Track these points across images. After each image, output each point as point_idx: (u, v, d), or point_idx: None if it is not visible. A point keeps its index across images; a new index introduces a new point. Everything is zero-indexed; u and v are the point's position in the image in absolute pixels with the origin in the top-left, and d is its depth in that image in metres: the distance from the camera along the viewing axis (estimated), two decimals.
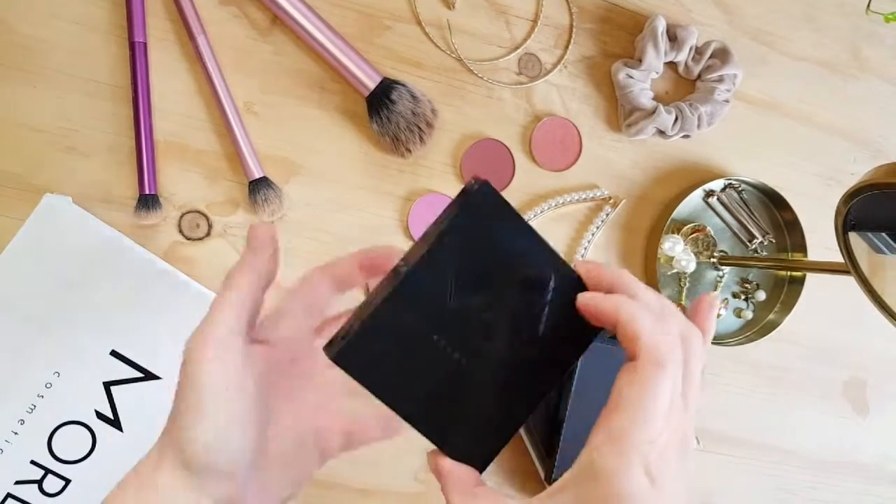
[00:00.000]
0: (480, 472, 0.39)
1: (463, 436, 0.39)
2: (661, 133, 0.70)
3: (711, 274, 0.74)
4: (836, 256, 0.55)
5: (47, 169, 0.63)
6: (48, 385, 0.61)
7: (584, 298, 0.38)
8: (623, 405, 0.35)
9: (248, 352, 0.39)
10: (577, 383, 0.64)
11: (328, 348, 0.37)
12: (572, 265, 0.39)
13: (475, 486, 0.38)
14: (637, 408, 0.35)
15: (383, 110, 0.64)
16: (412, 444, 0.69)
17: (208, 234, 0.65)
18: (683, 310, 0.71)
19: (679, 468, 0.36)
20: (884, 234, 0.52)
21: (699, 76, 0.72)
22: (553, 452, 0.64)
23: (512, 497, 0.70)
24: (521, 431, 0.69)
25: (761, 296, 0.74)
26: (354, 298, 0.41)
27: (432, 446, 0.39)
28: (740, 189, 0.73)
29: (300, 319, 0.43)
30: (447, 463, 0.39)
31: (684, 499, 0.36)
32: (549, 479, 0.64)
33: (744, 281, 0.74)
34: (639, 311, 0.36)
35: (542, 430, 0.65)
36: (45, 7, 0.62)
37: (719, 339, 0.73)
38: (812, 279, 0.73)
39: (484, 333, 0.38)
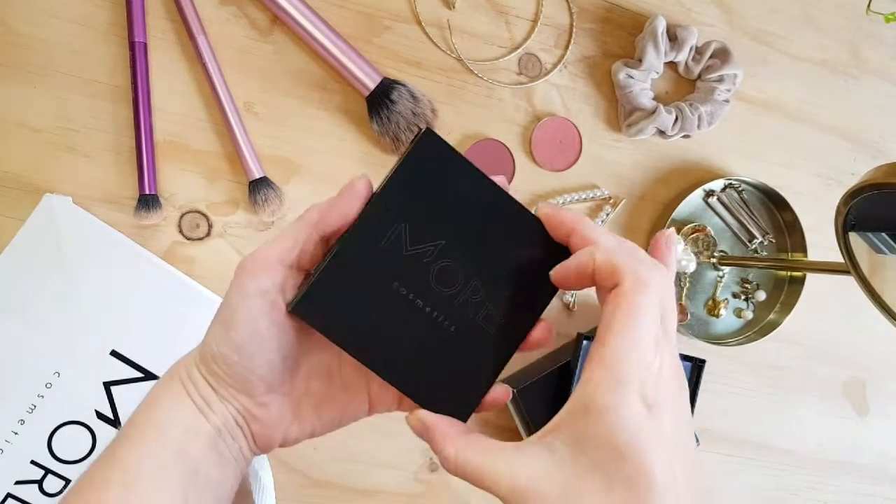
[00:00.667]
0: (464, 422, 0.39)
1: (441, 388, 0.39)
2: (662, 133, 0.70)
3: (711, 274, 0.74)
4: (836, 256, 0.55)
5: (47, 169, 0.63)
6: (48, 385, 0.61)
7: (558, 270, 0.39)
8: (614, 330, 0.34)
9: (294, 286, 0.40)
10: (576, 381, 0.63)
11: (289, 303, 0.38)
12: (534, 210, 0.40)
13: (466, 434, 0.37)
14: (628, 330, 0.34)
15: (383, 110, 0.64)
16: (412, 444, 0.69)
17: (208, 234, 0.65)
18: (681, 308, 0.71)
19: (677, 398, 0.35)
20: (884, 234, 0.51)
21: (699, 76, 0.72)
22: None
23: None
24: (519, 428, 0.69)
25: (761, 296, 0.74)
26: None
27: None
28: (740, 189, 0.73)
29: None
30: (430, 416, 0.39)
31: (686, 428, 0.36)
32: None
33: (744, 281, 0.74)
34: (608, 242, 0.37)
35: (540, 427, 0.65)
36: (45, 7, 0.62)
37: (719, 340, 0.73)
38: (812, 279, 0.73)
39: (446, 281, 0.39)
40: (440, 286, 0.39)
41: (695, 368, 0.66)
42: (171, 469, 0.39)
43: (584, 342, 0.63)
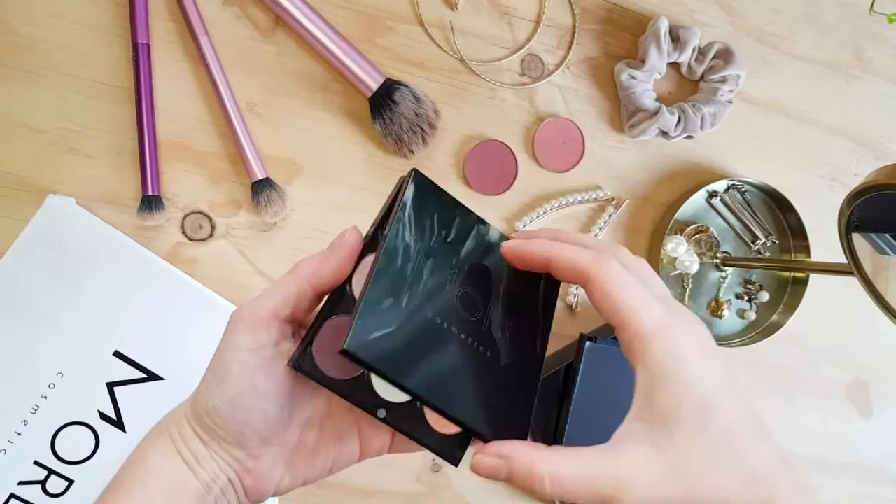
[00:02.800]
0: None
1: (496, 415, 0.39)
2: (664, 134, 0.70)
3: (714, 275, 0.74)
4: (840, 257, 0.55)
5: (50, 170, 0.63)
6: (51, 386, 0.61)
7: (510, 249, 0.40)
8: (615, 312, 0.35)
9: (290, 339, 0.40)
10: (580, 385, 0.63)
11: (294, 358, 0.38)
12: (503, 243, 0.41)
13: (544, 451, 0.36)
14: (623, 305, 0.35)
15: (386, 111, 0.64)
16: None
17: (211, 234, 0.65)
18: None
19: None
20: (887, 235, 0.51)
21: (702, 77, 0.72)
22: None
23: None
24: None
25: (764, 297, 0.74)
26: None
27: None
28: (743, 190, 0.73)
29: None
30: (505, 446, 0.36)
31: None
32: None
33: (747, 282, 0.74)
34: (597, 274, 0.37)
35: (544, 432, 0.65)
36: (48, 8, 0.62)
37: (722, 341, 0.73)
38: (815, 280, 0.73)
39: (469, 307, 0.40)
40: (467, 313, 0.39)
41: None
42: None
43: (587, 343, 0.63)
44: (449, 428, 0.40)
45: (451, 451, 0.40)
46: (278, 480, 0.42)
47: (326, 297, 0.40)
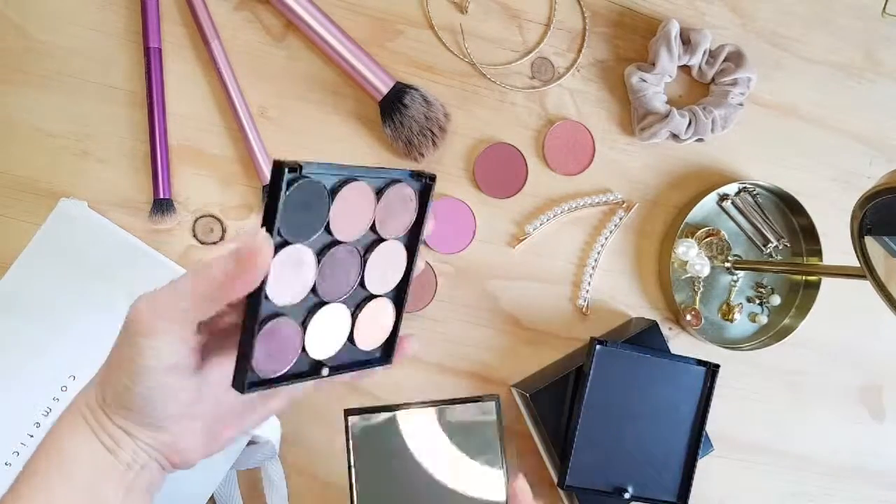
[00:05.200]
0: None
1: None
2: (675, 137, 0.70)
3: (725, 278, 0.73)
4: (852, 261, 0.54)
5: (63, 174, 0.63)
6: (64, 388, 0.61)
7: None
8: None
9: (192, 337, 0.39)
10: (589, 390, 0.63)
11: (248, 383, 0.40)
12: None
13: None
14: None
15: (396, 114, 0.64)
16: None
17: (222, 238, 0.65)
18: (696, 313, 0.71)
19: None
20: None
21: (713, 80, 0.71)
22: (566, 458, 0.64)
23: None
24: (532, 432, 0.69)
25: (776, 300, 0.73)
26: None
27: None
28: (755, 193, 0.73)
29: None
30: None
31: None
32: (562, 485, 0.64)
33: (758, 285, 0.74)
34: None
35: (554, 436, 0.65)
36: (62, 14, 0.63)
37: (734, 344, 0.73)
38: (827, 283, 0.73)
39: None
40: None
41: (709, 373, 0.66)
42: None
43: (598, 346, 0.63)
44: (375, 342, 0.46)
45: (383, 357, 0.46)
46: (203, 449, 0.42)
47: (245, 306, 0.39)
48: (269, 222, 0.37)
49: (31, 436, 0.61)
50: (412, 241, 0.45)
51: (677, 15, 0.72)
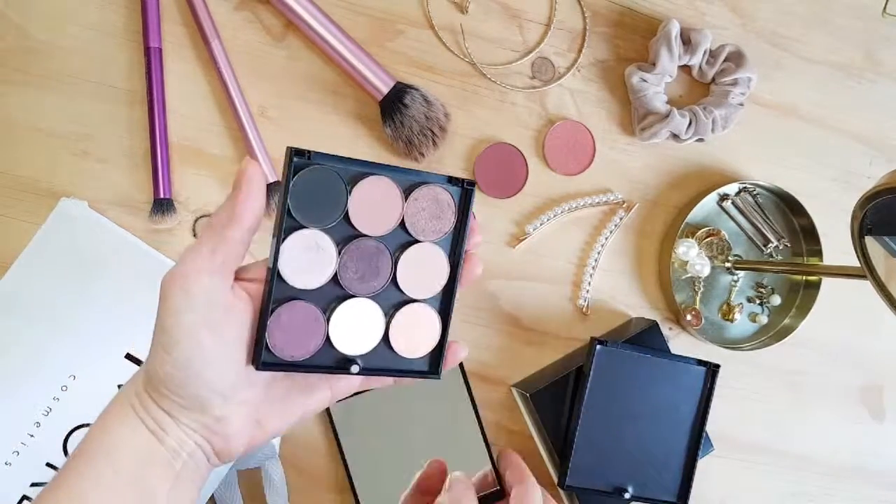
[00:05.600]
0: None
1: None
2: (675, 137, 0.70)
3: (726, 278, 0.73)
4: (852, 260, 0.54)
5: (63, 173, 0.63)
6: (64, 388, 0.61)
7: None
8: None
9: (228, 293, 0.39)
10: (589, 390, 0.63)
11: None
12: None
13: None
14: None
15: (396, 114, 0.64)
16: None
17: None
18: (696, 313, 0.71)
19: None
20: None
21: (713, 80, 0.71)
22: (566, 458, 0.64)
23: None
24: (532, 432, 0.69)
25: (776, 300, 0.73)
26: None
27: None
28: (755, 193, 0.73)
29: None
30: None
31: None
32: (562, 484, 0.64)
33: (759, 285, 0.74)
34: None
35: (554, 436, 0.65)
36: (62, 13, 0.63)
37: (734, 344, 0.73)
38: (828, 283, 0.73)
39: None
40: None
41: (709, 373, 0.66)
42: (126, 496, 0.38)
43: (598, 346, 0.63)
44: (417, 351, 0.45)
45: (431, 368, 0.45)
46: (248, 438, 0.42)
47: (265, 281, 0.40)
48: (281, 204, 0.40)
49: (32, 435, 0.61)
50: (455, 249, 0.45)
51: (677, 15, 0.72)
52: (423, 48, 0.68)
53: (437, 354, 0.45)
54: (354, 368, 0.43)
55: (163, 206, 0.63)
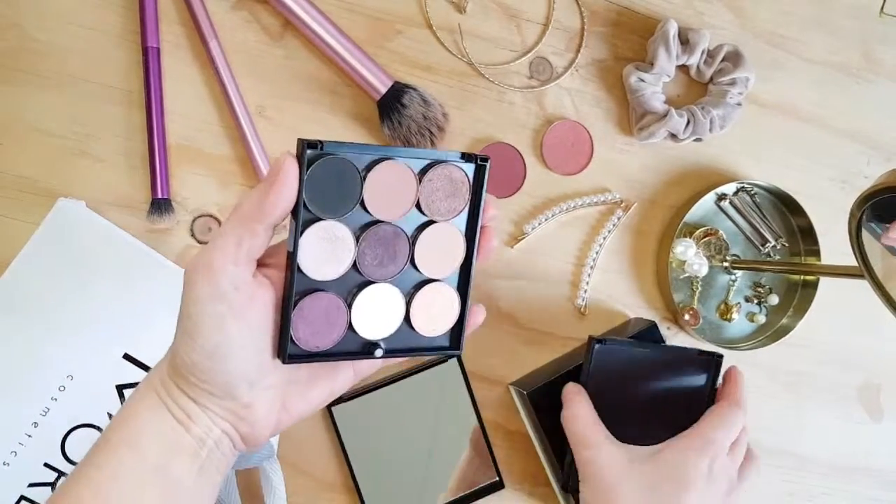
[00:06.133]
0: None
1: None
2: (673, 136, 0.70)
3: (724, 278, 0.73)
4: (850, 260, 0.54)
5: (61, 173, 0.63)
6: (61, 388, 0.61)
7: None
8: (704, 418, 0.59)
9: (251, 281, 0.40)
10: (589, 387, 0.63)
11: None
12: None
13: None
14: (714, 420, 0.58)
15: (395, 114, 0.64)
16: None
17: None
18: (693, 312, 0.71)
19: (731, 484, 0.56)
20: None
21: (711, 79, 0.71)
22: (565, 457, 0.63)
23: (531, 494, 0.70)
24: (529, 431, 0.69)
25: (774, 300, 0.73)
26: None
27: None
28: (753, 192, 0.73)
29: None
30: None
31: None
32: (563, 485, 0.64)
33: (756, 285, 0.74)
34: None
35: (552, 434, 0.65)
36: (60, 13, 0.62)
37: (732, 344, 0.73)
38: (825, 283, 0.73)
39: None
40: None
41: (712, 364, 0.64)
42: (149, 486, 0.38)
43: (597, 345, 0.63)
44: (438, 329, 0.46)
45: (452, 344, 0.47)
46: (275, 422, 0.42)
47: (286, 275, 0.41)
48: (297, 198, 0.40)
49: (30, 436, 0.61)
50: (470, 225, 0.45)
51: (675, 15, 0.72)
52: (422, 48, 0.68)
53: (458, 330, 0.47)
54: (378, 352, 0.44)
55: (161, 206, 0.63)
